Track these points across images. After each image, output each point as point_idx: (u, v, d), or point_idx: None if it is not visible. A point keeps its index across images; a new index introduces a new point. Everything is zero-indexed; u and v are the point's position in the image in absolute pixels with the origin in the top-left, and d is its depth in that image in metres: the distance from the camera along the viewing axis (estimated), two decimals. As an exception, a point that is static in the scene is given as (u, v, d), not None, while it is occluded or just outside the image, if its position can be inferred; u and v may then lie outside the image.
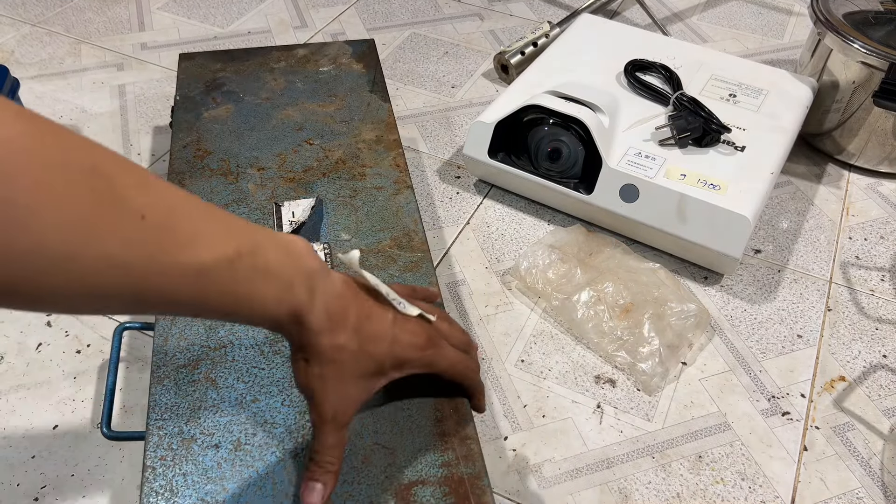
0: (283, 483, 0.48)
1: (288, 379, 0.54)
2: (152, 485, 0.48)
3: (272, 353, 0.56)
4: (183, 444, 0.50)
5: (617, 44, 1.00)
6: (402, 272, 0.62)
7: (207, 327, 0.57)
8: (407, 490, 0.48)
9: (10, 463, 0.66)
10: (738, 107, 0.90)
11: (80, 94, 1.10)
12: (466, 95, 1.12)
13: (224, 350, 0.56)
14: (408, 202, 0.69)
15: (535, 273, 0.80)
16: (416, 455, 0.50)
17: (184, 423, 0.51)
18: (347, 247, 0.65)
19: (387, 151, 0.74)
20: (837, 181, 0.98)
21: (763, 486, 0.66)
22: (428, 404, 0.53)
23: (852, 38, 0.91)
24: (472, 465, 0.49)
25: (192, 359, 0.55)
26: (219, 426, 0.51)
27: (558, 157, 0.85)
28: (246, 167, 0.71)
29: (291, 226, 0.65)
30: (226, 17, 1.28)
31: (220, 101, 0.79)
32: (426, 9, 1.32)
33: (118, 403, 0.71)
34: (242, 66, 0.84)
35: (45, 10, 1.28)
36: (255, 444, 0.50)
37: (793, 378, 0.75)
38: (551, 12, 1.32)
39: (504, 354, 0.76)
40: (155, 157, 0.99)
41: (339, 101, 0.80)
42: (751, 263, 0.87)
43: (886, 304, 0.83)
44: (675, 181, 0.79)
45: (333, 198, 0.69)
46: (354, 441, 0.50)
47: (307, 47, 0.88)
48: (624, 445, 0.69)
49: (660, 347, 0.73)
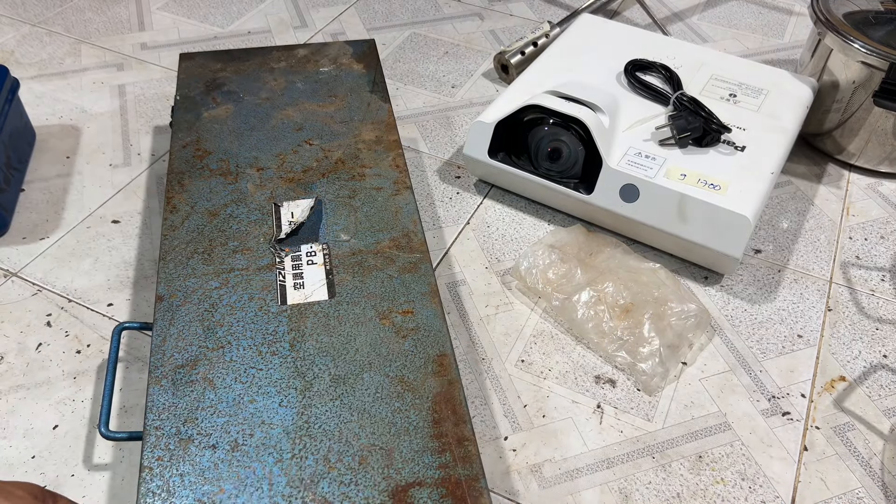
0: (280, 484, 0.48)
1: (286, 380, 0.54)
2: (149, 485, 0.48)
3: (270, 353, 0.56)
4: (180, 444, 0.50)
5: (617, 44, 1.00)
6: (400, 273, 0.62)
7: (206, 327, 0.57)
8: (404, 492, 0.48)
9: (10, 463, 0.66)
10: (738, 107, 0.90)
11: (80, 94, 1.10)
12: (466, 95, 1.12)
13: (222, 350, 0.56)
14: (407, 203, 0.69)
15: (535, 273, 0.80)
16: (413, 457, 0.50)
17: (181, 424, 0.51)
18: (346, 248, 0.65)
19: (387, 152, 0.74)
20: (837, 181, 0.98)
21: (763, 486, 0.66)
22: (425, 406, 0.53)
23: (852, 38, 0.90)
24: (469, 466, 0.49)
25: (190, 359, 0.55)
26: (216, 427, 0.51)
27: (558, 157, 0.85)
28: (245, 167, 0.71)
29: (290, 226, 0.65)
30: (226, 17, 1.28)
31: (220, 102, 0.79)
32: (426, 9, 1.32)
33: (117, 403, 0.71)
34: (242, 66, 0.84)
35: (45, 10, 1.28)
36: (253, 444, 0.50)
37: (793, 378, 0.75)
38: (551, 12, 1.32)
39: (504, 354, 0.76)
40: (155, 157, 0.99)
41: (339, 102, 0.80)
42: (751, 263, 0.87)
43: (886, 304, 0.82)
44: (675, 181, 0.79)
45: (333, 198, 0.69)
46: (351, 443, 0.50)
47: (307, 47, 0.88)
48: (624, 445, 0.69)
49: (660, 347, 0.73)
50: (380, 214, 0.68)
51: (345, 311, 0.59)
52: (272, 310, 0.59)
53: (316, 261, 0.63)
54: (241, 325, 0.58)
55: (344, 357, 0.56)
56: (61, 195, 0.93)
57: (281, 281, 0.61)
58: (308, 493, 0.48)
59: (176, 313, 0.59)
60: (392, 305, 0.60)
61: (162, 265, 0.63)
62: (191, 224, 0.66)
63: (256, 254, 0.64)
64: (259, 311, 0.59)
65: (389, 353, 0.56)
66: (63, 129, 1.03)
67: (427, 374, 0.55)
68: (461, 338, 0.77)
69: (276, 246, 0.64)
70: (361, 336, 0.57)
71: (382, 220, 0.67)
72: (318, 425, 0.51)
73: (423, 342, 0.57)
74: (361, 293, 0.61)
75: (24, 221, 0.89)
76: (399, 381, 0.54)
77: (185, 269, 0.63)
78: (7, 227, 0.88)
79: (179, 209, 0.68)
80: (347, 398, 0.53)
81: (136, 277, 0.83)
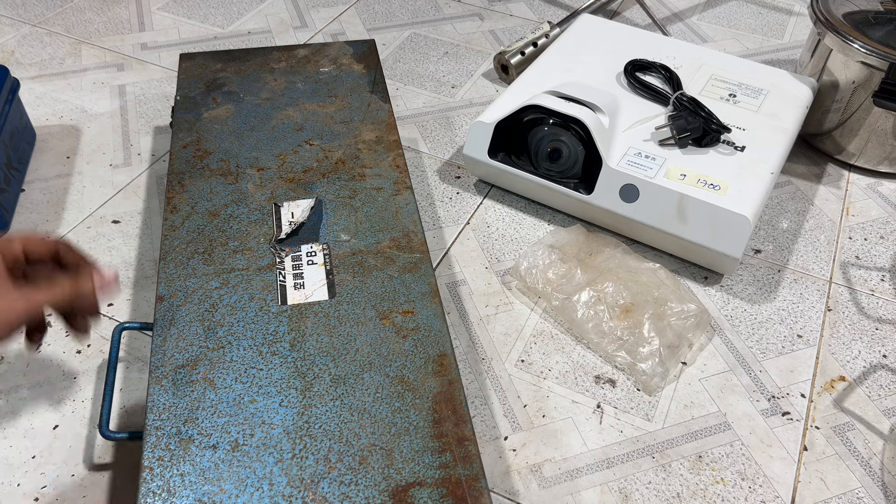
0: (281, 484, 0.48)
1: (286, 380, 0.54)
2: (150, 485, 0.48)
3: (270, 353, 0.56)
4: (181, 444, 0.50)
5: (617, 44, 1.00)
6: (401, 273, 0.62)
7: (206, 328, 0.57)
8: (404, 492, 0.48)
9: (10, 463, 0.66)
10: (738, 107, 0.90)
11: (80, 94, 1.10)
12: (466, 95, 1.12)
13: (223, 350, 0.56)
14: (407, 203, 0.69)
15: (535, 273, 0.80)
16: (413, 457, 0.50)
17: (182, 424, 0.51)
18: (347, 248, 0.65)
19: (387, 152, 0.74)
20: (837, 181, 0.98)
21: (763, 486, 0.66)
22: (425, 405, 0.53)
23: (852, 38, 0.90)
24: (469, 466, 0.49)
25: (191, 359, 0.55)
26: (217, 427, 0.51)
27: (558, 157, 0.85)
28: (246, 167, 0.71)
29: (290, 226, 0.65)
30: (226, 18, 1.28)
31: (220, 102, 0.79)
32: (426, 9, 1.32)
33: (118, 403, 0.71)
34: (243, 66, 0.84)
35: (45, 10, 1.28)
36: (253, 444, 0.50)
37: (793, 378, 0.75)
38: (551, 12, 1.32)
39: (504, 354, 0.76)
40: (155, 157, 0.99)
41: (340, 102, 0.80)
42: (751, 263, 0.87)
43: (886, 304, 0.83)
44: (675, 181, 0.79)
45: (333, 198, 0.69)
46: (352, 443, 0.50)
47: (308, 48, 0.88)
48: (624, 445, 0.69)
49: (660, 347, 0.73)
50: (380, 214, 0.68)
51: (345, 311, 0.59)
52: (272, 310, 0.59)
53: (316, 261, 0.63)
54: (241, 326, 0.58)
55: (344, 357, 0.56)
56: (61, 195, 0.93)
57: (281, 281, 0.61)
58: (308, 493, 0.48)
59: (176, 313, 0.59)
60: (392, 305, 0.60)
61: (162, 265, 0.63)
62: (191, 224, 0.66)
63: (257, 254, 0.64)
64: (259, 312, 0.59)
65: (390, 353, 0.56)
66: (63, 129, 1.03)
67: (427, 374, 0.55)
68: (461, 338, 0.77)
69: (276, 246, 0.64)
70: (362, 336, 0.57)
71: (383, 221, 0.67)
72: (319, 425, 0.51)
73: (423, 342, 0.57)
74: (362, 293, 0.61)
75: (25, 221, 0.89)
76: (399, 381, 0.54)
77: (186, 270, 0.63)
78: (7, 227, 0.88)
79: (180, 209, 0.68)
80: (348, 398, 0.53)
81: (137, 277, 0.83)
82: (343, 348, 0.56)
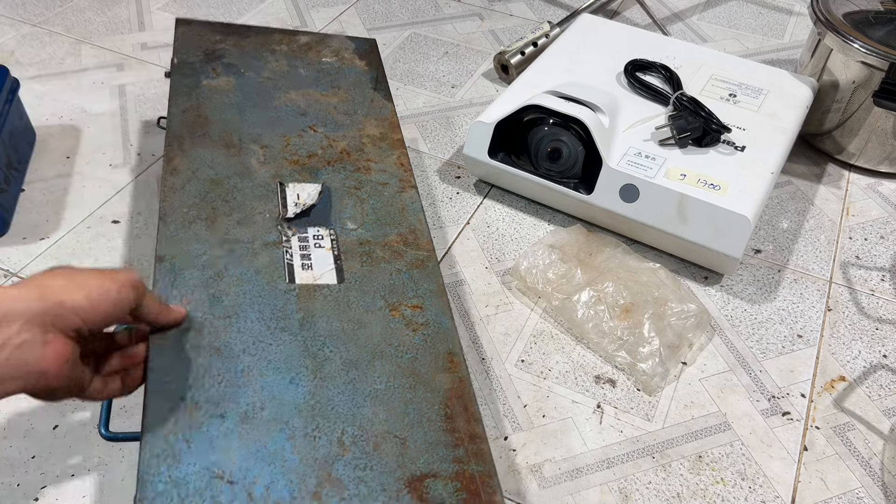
0: (293, 462, 0.47)
1: (296, 357, 0.53)
2: (153, 450, 0.45)
3: (279, 329, 0.54)
4: (186, 410, 0.48)
5: (617, 44, 1.00)
6: (408, 268, 0.62)
7: (211, 295, 0.55)
8: (419, 482, 0.47)
9: (10, 463, 0.66)
10: (738, 107, 0.90)
11: (80, 94, 1.10)
12: (466, 95, 1.12)
13: (229, 320, 0.54)
14: (413, 201, 0.68)
15: (535, 273, 0.80)
16: (427, 448, 0.49)
17: (186, 390, 0.49)
18: (354, 236, 0.64)
19: (391, 150, 0.73)
20: (837, 181, 0.98)
21: (763, 486, 0.66)
22: (437, 400, 0.52)
23: (852, 38, 0.90)
24: (482, 463, 0.49)
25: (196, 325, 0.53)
26: (224, 396, 0.49)
27: (558, 157, 0.85)
28: (249, 142, 0.70)
29: (297, 207, 0.64)
30: (226, 17, 1.28)
31: (220, 73, 0.77)
32: (426, 9, 1.32)
33: (118, 403, 0.71)
34: (242, 41, 0.82)
35: (45, 10, 1.28)
36: (263, 419, 0.48)
37: (793, 378, 0.75)
38: (551, 12, 1.32)
39: (504, 354, 0.76)
40: (155, 157, 0.99)
41: (343, 94, 0.79)
42: (751, 263, 0.87)
43: (886, 304, 0.83)
44: (675, 181, 0.79)
45: (339, 187, 0.68)
46: (365, 427, 0.49)
47: (309, 35, 0.87)
48: (624, 445, 0.69)
49: (660, 347, 0.73)
50: (386, 209, 0.67)
51: (354, 297, 0.58)
52: (280, 287, 0.58)
53: (323, 245, 0.62)
54: (248, 298, 0.56)
55: (355, 342, 0.55)
56: (61, 195, 0.93)
57: (289, 260, 0.60)
58: (323, 472, 0.46)
59: (178, 276, 0.57)
60: (401, 298, 0.59)
61: (162, 226, 0.60)
62: (192, 189, 0.64)
63: (262, 228, 0.62)
64: (267, 286, 0.57)
65: (401, 345, 0.55)
66: (63, 129, 1.03)
67: (438, 370, 0.54)
68: (461, 338, 0.77)
69: (283, 224, 0.63)
70: (372, 324, 0.56)
71: (389, 215, 0.66)
72: (331, 407, 0.50)
73: (433, 338, 0.56)
74: (370, 282, 0.60)
75: (24, 221, 0.89)
76: (411, 374, 0.53)
77: (188, 233, 0.60)
78: (7, 228, 0.88)
79: (180, 172, 0.66)
80: (360, 383, 0.52)
81: (137, 277, 0.83)
82: (354, 333, 0.55)
